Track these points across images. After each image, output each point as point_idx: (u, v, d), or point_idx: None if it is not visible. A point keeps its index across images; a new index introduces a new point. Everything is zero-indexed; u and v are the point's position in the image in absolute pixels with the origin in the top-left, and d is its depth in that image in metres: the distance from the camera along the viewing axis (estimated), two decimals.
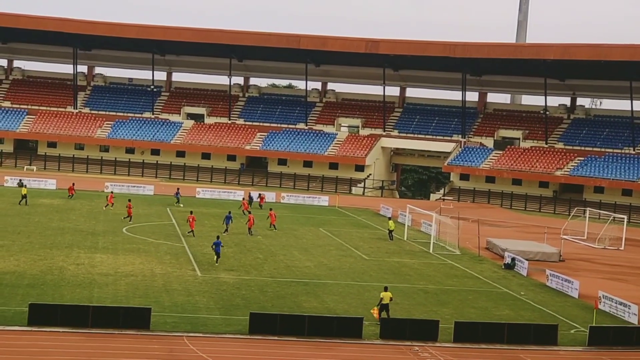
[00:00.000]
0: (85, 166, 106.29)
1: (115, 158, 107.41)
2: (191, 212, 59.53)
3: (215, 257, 46.74)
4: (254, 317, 32.91)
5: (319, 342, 32.00)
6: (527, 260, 52.30)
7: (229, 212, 61.16)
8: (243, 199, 75.71)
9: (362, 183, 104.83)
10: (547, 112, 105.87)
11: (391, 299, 35.59)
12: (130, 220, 61.44)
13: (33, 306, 31.87)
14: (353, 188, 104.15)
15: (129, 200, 65.64)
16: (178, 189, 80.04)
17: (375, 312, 35.28)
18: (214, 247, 46.98)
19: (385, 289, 35.95)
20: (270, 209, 65.50)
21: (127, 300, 36.03)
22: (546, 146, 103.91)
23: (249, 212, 65.51)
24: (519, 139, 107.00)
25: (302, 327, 32.76)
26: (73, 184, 75.93)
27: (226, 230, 58.56)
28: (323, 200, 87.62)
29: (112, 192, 74.22)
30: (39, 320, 31.29)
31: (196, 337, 31.40)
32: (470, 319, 36.84)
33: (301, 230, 63.45)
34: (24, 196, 68.03)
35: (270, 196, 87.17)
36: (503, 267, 52.69)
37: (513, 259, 52.73)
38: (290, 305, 37.64)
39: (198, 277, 42.62)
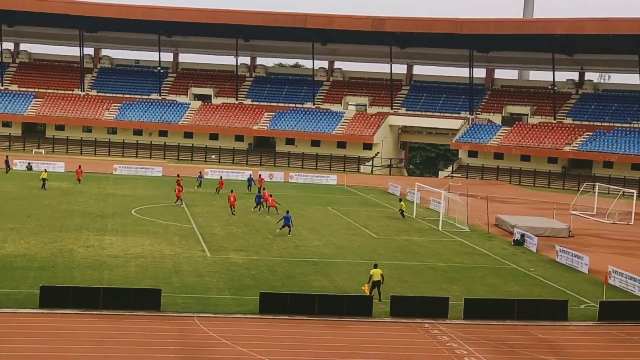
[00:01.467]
0: (93, 148, 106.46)
1: (123, 140, 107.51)
2: (232, 191, 60.62)
3: (288, 230, 50.61)
4: (264, 297, 32.99)
5: (329, 321, 32.08)
6: (536, 236, 52.24)
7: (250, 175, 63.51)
8: (259, 174, 74.91)
9: (370, 161, 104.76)
10: (555, 88, 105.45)
11: (382, 276, 35.33)
12: (179, 202, 62.28)
13: (44, 288, 32.00)
14: (361, 166, 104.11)
15: (179, 180, 66.87)
16: (201, 171, 79.73)
17: (366, 288, 35.19)
18: (283, 221, 50.75)
19: (375, 266, 35.82)
20: (265, 191, 64.01)
21: (137, 282, 36.15)
22: (554, 122, 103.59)
23: (264, 189, 65.19)
24: (527, 115, 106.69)
25: (312, 306, 32.84)
26: (80, 167, 75.93)
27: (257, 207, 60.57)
28: (331, 179, 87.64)
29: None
30: (51, 302, 31.42)
31: (207, 318, 31.50)
32: (480, 296, 36.87)
33: (310, 210, 63.48)
34: (44, 180, 67.20)
35: (278, 176, 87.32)
36: (512, 243, 52.65)
37: (522, 235, 52.69)
38: (300, 284, 37.72)
39: (207, 258, 42.72)
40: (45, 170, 70.25)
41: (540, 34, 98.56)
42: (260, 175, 78.88)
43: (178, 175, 70.87)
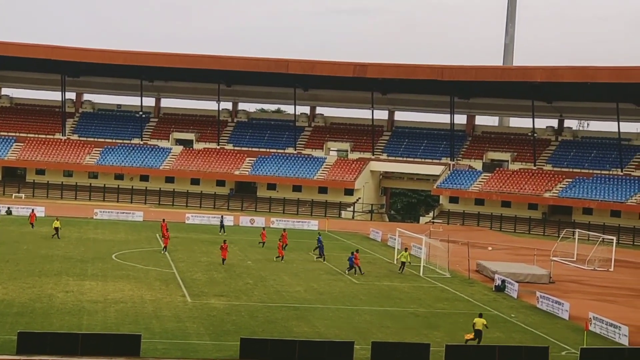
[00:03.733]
0: (74, 193, 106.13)
1: (104, 184, 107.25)
2: (225, 242, 58.05)
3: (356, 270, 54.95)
4: (245, 343, 32.78)
5: None
6: (517, 282, 52.31)
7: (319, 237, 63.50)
8: (263, 228, 73.32)
9: (352, 207, 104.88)
10: (535, 134, 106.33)
11: (485, 326, 36.02)
12: (164, 251, 60.70)
13: (22, 334, 31.65)
14: (342, 212, 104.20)
15: (165, 225, 65.72)
16: (222, 216, 79.46)
17: (469, 336, 35.75)
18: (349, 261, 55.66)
19: (480, 316, 36.69)
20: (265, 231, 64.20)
21: (116, 327, 35.85)
22: (535, 168, 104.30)
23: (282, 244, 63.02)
24: (507, 161, 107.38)
25: (293, 352, 32.63)
26: (33, 210, 75.40)
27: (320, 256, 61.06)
28: (312, 224, 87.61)
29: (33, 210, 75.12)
30: (28, 348, 31.06)
31: None
32: (461, 342, 36.76)
33: (291, 255, 63.30)
34: (57, 229, 65.02)
35: (259, 221, 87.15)
36: (494, 289, 52.67)
37: (503, 281, 52.74)
38: (280, 330, 37.53)
39: (188, 303, 42.47)
40: (57, 219, 66.65)
41: (519, 81, 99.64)
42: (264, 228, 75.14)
43: (163, 220, 70.12)
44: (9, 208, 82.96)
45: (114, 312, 39.07)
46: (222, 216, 78.96)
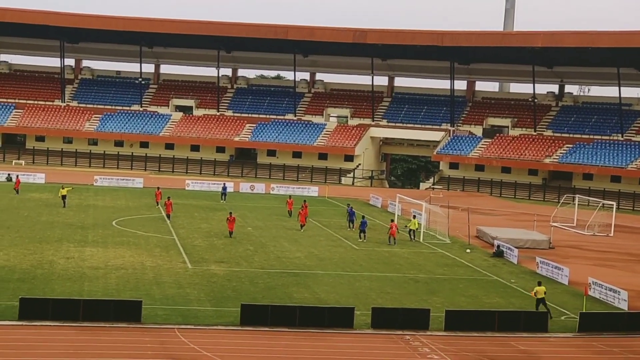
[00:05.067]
0: (74, 160, 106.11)
1: (104, 151, 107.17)
2: (231, 214, 55.46)
3: (362, 234, 55.32)
4: (245, 309, 32.91)
5: (310, 333, 32.04)
6: (517, 248, 52.44)
7: (350, 207, 62.93)
8: (289, 197, 70.87)
9: (352, 173, 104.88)
10: (536, 100, 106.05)
11: (545, 293, 36.29)
12: (170, 219, 59.84)
13: (24, 300, 31.79)
14: (342, 178, 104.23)
15: (160, 192, 65.85)
16: (225, 183, 79.24)
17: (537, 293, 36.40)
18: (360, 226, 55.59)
19: (539, 284, 36.81)
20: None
21: (117, 294, 35.99)
22: (535, 134, 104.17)
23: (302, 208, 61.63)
24: (507, 127, 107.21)
25: (294, 317, 32.79)
26: (18, 176, 75.55)
27: (351, 227, 60.46)
28: (312, 190, 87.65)
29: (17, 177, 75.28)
30: (30, 314, 31.21)
31: (188, 329, 31.39)
32: (460, 307, 36.93)
33: (291, 222, 63.41)
34: (64, 197, 64.35)
35: (259, 187, 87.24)
36: (492, 255, 52.80)
37: (502, 247, 52.84)
38: (281, 296, 37.66)
39: (188, 270, 42.60)
40: (63, 187, 65.93)
41: (520, 46, 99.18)
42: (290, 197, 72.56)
43: (158, 188, 70.11)
44: (9, 175, 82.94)
45: (115, 279, 39.20)
46: (224, 184, 78.81)
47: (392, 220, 57.07)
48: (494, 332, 33.69)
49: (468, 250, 53.66)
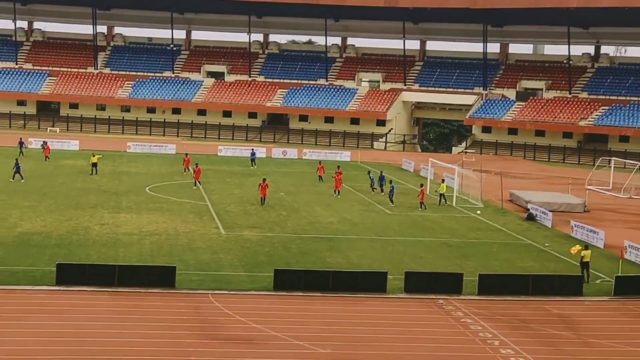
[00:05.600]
0: (107, 126, 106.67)
1: (137, 118, 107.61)
2: (264, 180, 54.18)
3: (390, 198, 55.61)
4: (279, 274, 33.04)
5: (343, 297, 32.12)
6: (551, 211, 52.06)
7: (381, 173, 62.85)
8: (320, 162, 70.26)
9: (384, 138, 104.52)
10: (571, 62, 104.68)
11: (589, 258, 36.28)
12: (197, 185, 59.22)
13: (60, 266, 32.18)
14: (375, 143, 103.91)
15: (189, 159, 65.96)
16: (253, 149, 79.38)
17: (575, 250, 36.54)
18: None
19: (586, 248, 36.63)
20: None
21: (152, 259, 36.29)
22: (570, 96, 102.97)
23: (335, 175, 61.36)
24: (541, 89, 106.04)
25: (327, 282, 32.88)
26: (46, 143, 75.90)
27: (376, 190, 60.29)
28: (345, 155, 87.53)
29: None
30: (67, 279, 31.60)
31: (221, 295, 31.60)
32: (494, 272, 36.83)
33: (323, 187, 63.43)
34: (95, 165, 63.99)
35: (291, 152, 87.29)
36: (525, 219, 52.48)
37: (535, 211, 52.48)
38: (314, 261, 37.77)
39: (222, 235, 42.81)
40: (94, 155, 65.47)
41: (555, 7, 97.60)
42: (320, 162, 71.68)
43: (186, 155, 70.07)
44: (44, 142, 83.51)
45: (149, 244, 39.51)
46: (252, 150, 78.96)
47: (422, 185, 56.79)
48: (528, 296, 33.58)
49: (478, 212, 53.57)
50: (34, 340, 25.29)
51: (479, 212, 53.43)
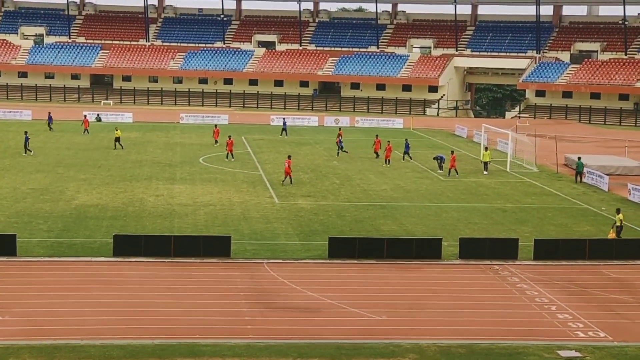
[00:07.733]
0: (159, 98, 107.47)
1: (189, 89, 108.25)
2: (289, 157, 50.96)
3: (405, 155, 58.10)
4: (333, 242, 33.12)
5: (398, 264, 32.10)
6: (607, 175, 51.32)
7: (407, 140, 61.99)
8: (377, 136, 70.59)
9: (436, 104, 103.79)
10: (626, 22, 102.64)
11: (621, 221, 35.74)
12: (228, 158, 58.27)
13: (117, 237, 32.60)
14: (427, 109, 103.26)
15: (218, 130, 65.95)
16: (284, 118, 78.60)
17: (612, 234, 35.43)
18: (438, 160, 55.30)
19: (618, 212, 36.16)
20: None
21: (207, 230, 36.59)
22: (625, 57, 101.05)
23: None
24: (596, 51, 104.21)
25: (381, 250, 32.88)
26: (85, 116, 76.01)
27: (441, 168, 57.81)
28: (397, 122, 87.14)
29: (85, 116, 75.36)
30: (124, 250, 32.01)
31: (276, 263, 31.78)
32: (550, 237, 36.49)
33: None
34: (118, 139, 62.95)
35: (344, 120, 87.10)
36: (575, 182, 51.80)
37: (580, 174, 51.63)
38: (368, 228, 37.77)
39: (275, 204, 42.99)
40: (117, 129, 65.18)
41: None
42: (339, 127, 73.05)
43: (216, 126, 69.20)
44: (98, 115, 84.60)
45: (204, 215, 39.83)
46: (284, 119, 78.61)
47: (452, 152, 55.59)
48: (585, 260, 33.23)
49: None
50: (93, 311, 25.71)
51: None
